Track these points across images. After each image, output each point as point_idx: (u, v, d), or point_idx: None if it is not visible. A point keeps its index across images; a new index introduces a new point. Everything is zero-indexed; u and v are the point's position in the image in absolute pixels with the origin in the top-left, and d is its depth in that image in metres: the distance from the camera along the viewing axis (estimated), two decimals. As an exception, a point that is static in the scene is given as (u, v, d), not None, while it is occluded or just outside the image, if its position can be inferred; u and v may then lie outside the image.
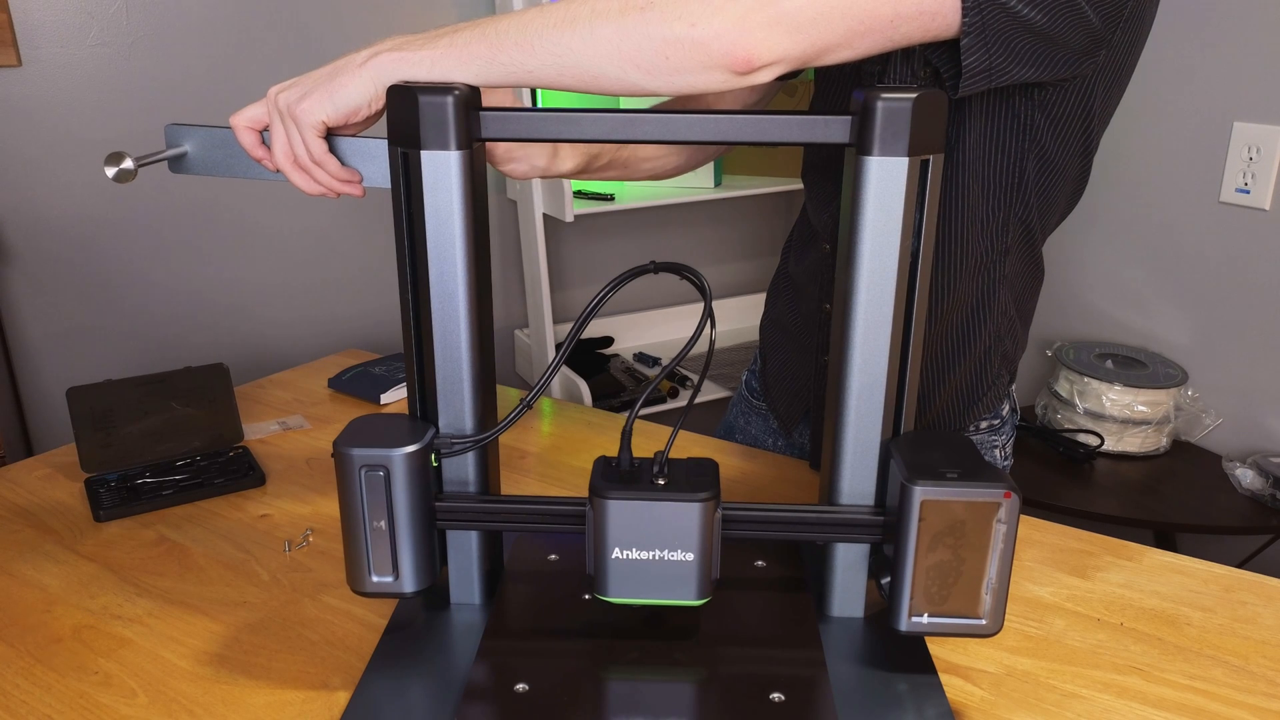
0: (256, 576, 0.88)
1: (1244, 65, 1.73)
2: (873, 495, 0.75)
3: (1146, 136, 1.87)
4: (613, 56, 0.68)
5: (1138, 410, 1.79)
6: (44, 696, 0.73)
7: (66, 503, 1.02)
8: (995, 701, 0.73)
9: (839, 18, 0.67)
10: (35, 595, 0.85)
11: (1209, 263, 1.83)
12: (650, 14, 0.67)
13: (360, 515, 0.70)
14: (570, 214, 2.02)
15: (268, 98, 0.75)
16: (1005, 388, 1.03)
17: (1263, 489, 1.68)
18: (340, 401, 1.30)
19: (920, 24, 0.69)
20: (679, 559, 0.69)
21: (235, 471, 1.06)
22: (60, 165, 1.77)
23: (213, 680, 0.75)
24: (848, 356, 0.72)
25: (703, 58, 0.67)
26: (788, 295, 1.11)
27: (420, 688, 0.71)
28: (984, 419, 1.03)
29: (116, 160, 0.79)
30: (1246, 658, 0.78)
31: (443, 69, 0.70)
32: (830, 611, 0.79)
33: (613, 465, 0.71)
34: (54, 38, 1.72)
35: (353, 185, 0.77)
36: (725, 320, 2.53)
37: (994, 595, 0.69)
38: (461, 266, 0.71)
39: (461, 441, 0.73)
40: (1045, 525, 0.97)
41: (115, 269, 1.87)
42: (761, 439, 1.19)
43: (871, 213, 0.68)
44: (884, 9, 0.67)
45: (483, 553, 0.79)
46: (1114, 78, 0.84)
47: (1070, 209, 0.95)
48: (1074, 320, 2.06)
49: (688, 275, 0.71)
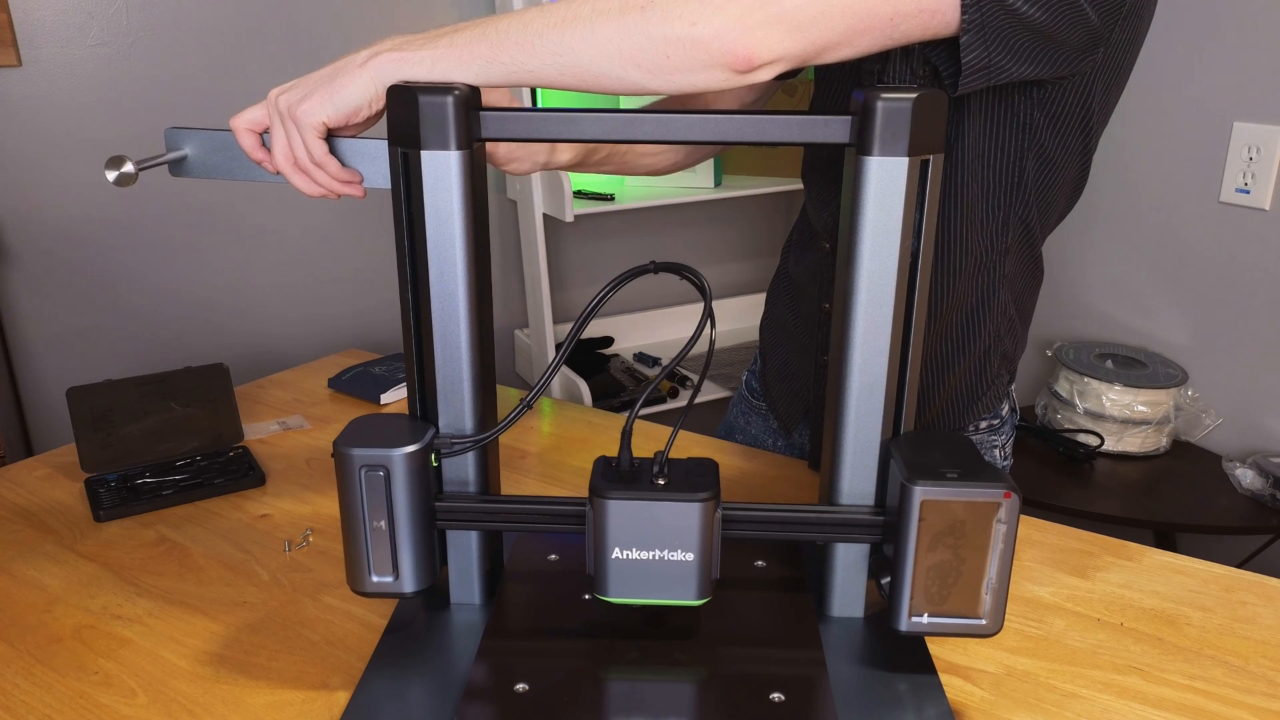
0: (256, 576, 0.88)
1: (1244, 65, 1.73)
2: (873, 495, 0.75)
3: (1146, 136, 1.87)
4: (613, 56, 0.68)
5: (1138, 410, 1.79)
6: (44, 696, 0.73)
7: (66, 503, 1.02)
8: (995, 701, 0.73)
9: (839, 16, 0.67)
10: (35, 595, 0.85)
11: (1209, 263, 1.83)
12: (651, 13, 0.67)
13: (360, 515, 0.70)
14: (570, 214, 2.01)
15: (268, 100, 0.75)
16: (1005, 387, 1.03)
17: (1263, 489, 1.68)
18: (340, 401, 1.30)
19: (920, 22, 0.69)
20: (679, 559, 0.69)
21: (235, 471, 1.06)
22: (60, 165, 1.77)
23: (213, 680, 0.75)
24: (848, 356, 0.72)
25: (703, 57, 0.67)
26: (787, 295, 1.11)
27: (420, 688, 0.71)
28: (984, 419, 1.03)
29: (117, 164, 0.78)
30: (1246, 658, 0.78)
31: (443, 69, 0.70)
32: (830, 611, 0.79)
33: (613, 465, 0.71)
34: (54, 38, 1.72)
35: (353, 186, 0.77)
36: (725, 320, 2.53)
37: (994, 595, 0.69)
38: (461, 266, 0.71)
39: (461, 441, 0.73)
40: (1045, 525, 0.97)
41: (115, 269, 1.87)
42: (761, 439, 1.19)
43: (871, 213, 0.68)
44: (883, 7, 0.68)
45: (483, 553, 0.79)
46: (1113, 76, 0.84)
47: (1070, 208, 0.95)
48: (1074, 320, 2.06)
49: (688, 275, 0.71)
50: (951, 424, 1.01)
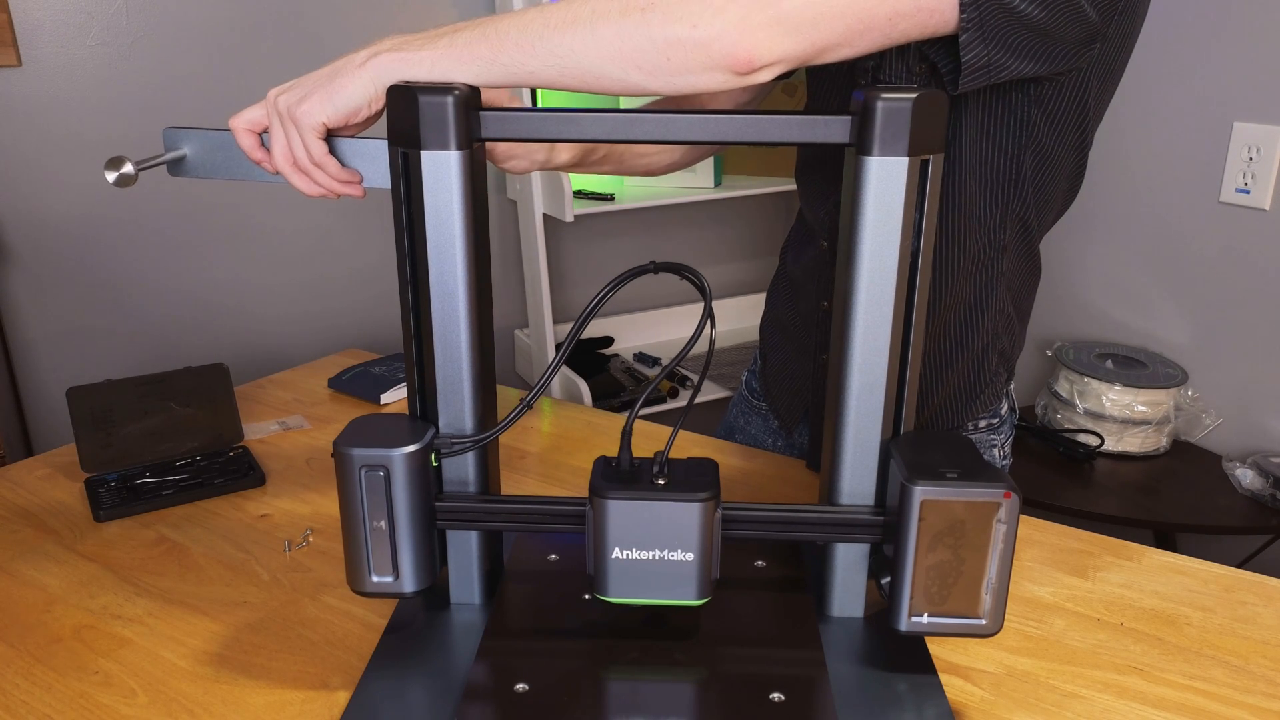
0: (256, 576, 0.88)
1: (1244, 65, 1.73)
2: (873, 495, 0.75)
3: (1146, 136, 1.87)
4: (614, 57, 0.68)
5: (1138, 410, 1.79)
6: (44, 696, 0.73)
7: (66, 503, 1.02)
8: (995, 701, 0.73)
9: (838, 17, 0.67)
10: (35, 595, 0.85)
11: (1209, 263, 1.83)
12: (651, 15, 0.67)
13: (360, 515, 0.70)
14: (570, 214, 2.01)
15: (267, 100, 0.75)
16: (1003, 386, 1.03)
17: (1263, 489, 1.68)
18: (340, 401, 1.30)
19: (918, 21, 0.70)
20: (679, 559, 0.69)
21: (235, 471, 1.06)
22: (60, 165, 1.77)
23: (213, 680, 0.75)
24: (848, 356, 0.72)
25: (704, 59, 0.67)
26: (787, 294, 1.11)
27: (420, 688, 0.71)
28: (983, 418, 1.03)
29: (117, 165, 0.78)
30: (1246, 658, 0.78)
31: (443, 69, 0.70)
32: (830, 611, 0.79)
33: (613, 465, 0.71)
34: (54, 38, 1.72)
35: (353, 186, 0.77)
36: (725, 320, 2.53)
37: (994, 595, 0.69)
38: (461, 266, 0.71)
39: (461, 441, 0.73)
40: (1045, 525, 0.97)
41: (115, 269, 1.87)
42: (761, 439, 1.19)
43: (871, 213, 0.68)
44: (882, 7, 0.68)
45: (483, 553, 0.79)
46: (1108, 71, 0.84)
47: (1067, 205, 0.96)
48: (1074, 320, 2.06)
49: (688, 275, 0.71)
50: (950, 422, 1.01)
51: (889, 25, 0.69)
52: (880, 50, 0.72)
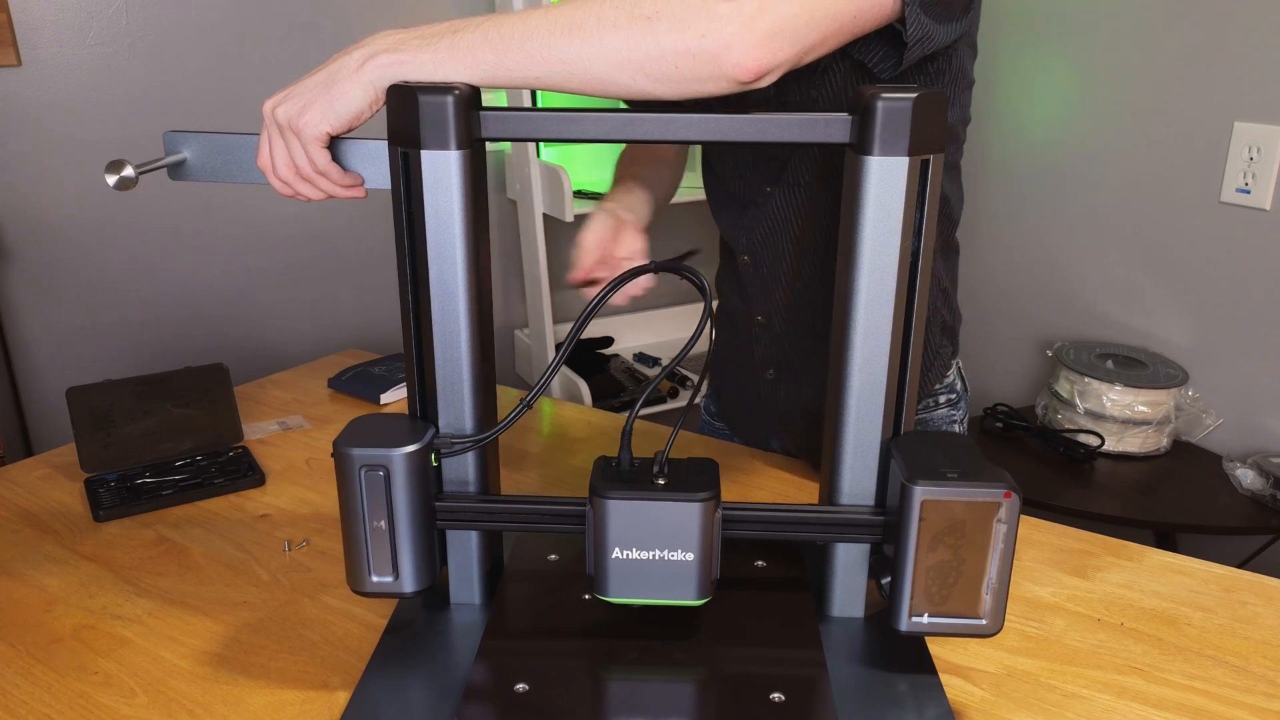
0: (256, 576, 0.88)
1: (1244, 65, 1.73)
2: (873, 495, 0.75)
3: (1146, 136, 1.87)
4: (621, 65, 0.68)
5: (1138, 410, 1.79)
6: (44, 696, 0.73)
7: (66, 503, 1.02)
8: (995, 701, 0.73)
9: (821, 20, 0.70)
10: (35, 595, 0.85)
11: (1209, 263, 1.83)
12: (658, 24, 0.67)
13: (360, 515, 0.70)
14: (570, 214, 2.01)
15: (264, 113, 0.74)
16: (949, 358, 1.07)
17: (1263, 489, 1.68)
18: (340, 401, 1.30)
19: (874, 15, 0.74)
20: (679, 559, 0.69)
21: (235, 471, 1.06)
22: (60, 165, 1.77)
23: (213, 680, 0.75)
24: (848, 356, 0.72)
25: (714, 69, 0.68)
26: (726, 323, 1.13)
27: (420, 688, 0.71)
28: (941, 393, 1.07)
29: (117, 168, 0.78)
30: (1246, 658, 0.78)
31: (445, 73, 0.70)
32: (830, 611, 0.79)
33: (613, 465, 0.71)
34: (54, 38, 1.72)
35: (356, 189, 0.77)
36: (725, 320, 2.53)
37: (994, 595, 0.68)
38: (461, 266, 0.71)
39: (461, 441, 0.73)
40: (1045, 525, 0.97)
41: (115, 269, 1.87)
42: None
43: (871, 213, 0.68)
44: (849, 7, 0.72)
45: (483, 553, 0.79)
46: (969, 42, 0.90)
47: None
48: (1074, 320, 2.06)
49: (688, 275, 0.71)
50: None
51: (854, 23, 0.73)
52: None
